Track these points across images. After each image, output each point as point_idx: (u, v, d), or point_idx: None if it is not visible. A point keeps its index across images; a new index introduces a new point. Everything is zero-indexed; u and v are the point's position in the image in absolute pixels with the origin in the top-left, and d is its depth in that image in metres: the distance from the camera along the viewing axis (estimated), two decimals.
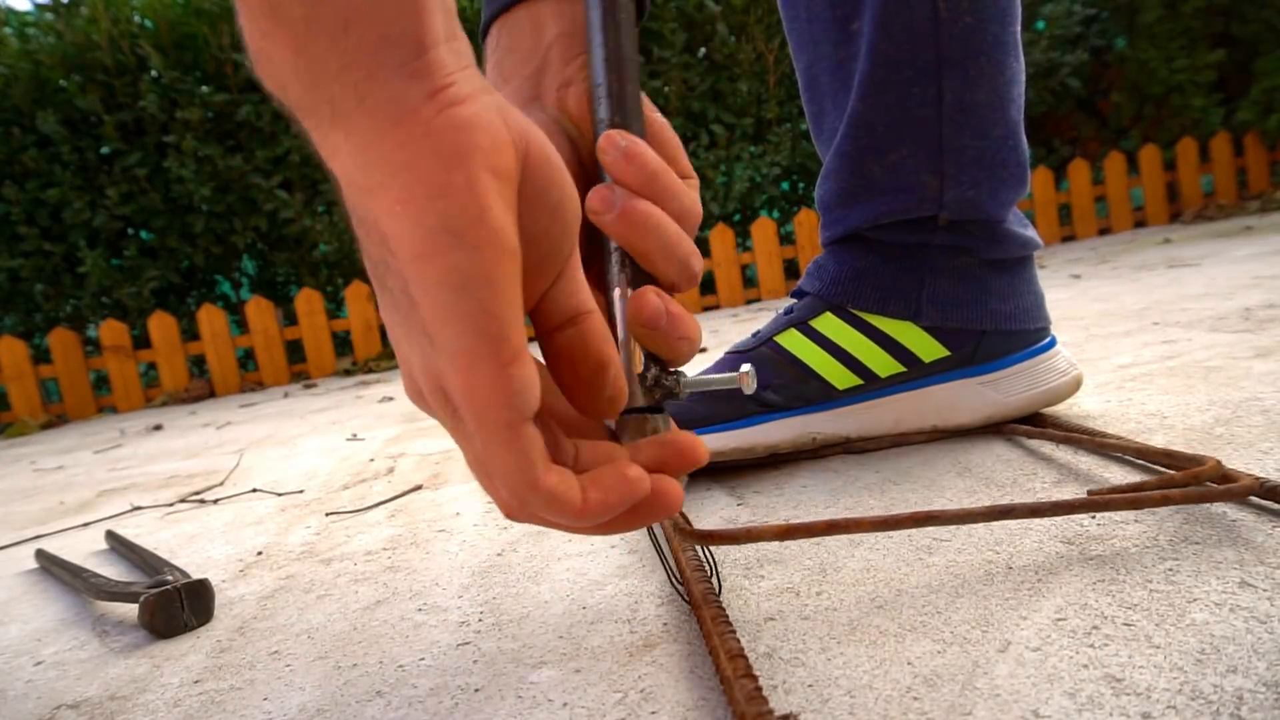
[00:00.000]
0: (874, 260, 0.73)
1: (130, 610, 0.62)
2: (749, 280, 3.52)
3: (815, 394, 0.72)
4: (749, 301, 3.40)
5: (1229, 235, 2.58)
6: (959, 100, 0.69)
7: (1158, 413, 0.72)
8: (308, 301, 3.06)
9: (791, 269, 3.48)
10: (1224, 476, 0.49)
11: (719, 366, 0.74)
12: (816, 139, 0.80)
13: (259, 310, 3.05)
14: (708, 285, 3.47)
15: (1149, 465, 0.57)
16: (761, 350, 0.74)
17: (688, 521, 0.50)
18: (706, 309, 3.38)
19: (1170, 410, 0.72)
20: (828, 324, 0.73)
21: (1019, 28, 0.71)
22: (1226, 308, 1.22)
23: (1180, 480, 0.48)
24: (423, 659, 0.46)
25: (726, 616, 0.40)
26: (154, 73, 3.16)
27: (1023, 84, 0.73)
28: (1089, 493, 0.47)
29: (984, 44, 0.68)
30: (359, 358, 3.09)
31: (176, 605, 0.57)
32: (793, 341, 0.73)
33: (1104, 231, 3.74)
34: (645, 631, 0.45)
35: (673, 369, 0.38)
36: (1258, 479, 0.47)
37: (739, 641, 0.37)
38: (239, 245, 3.26)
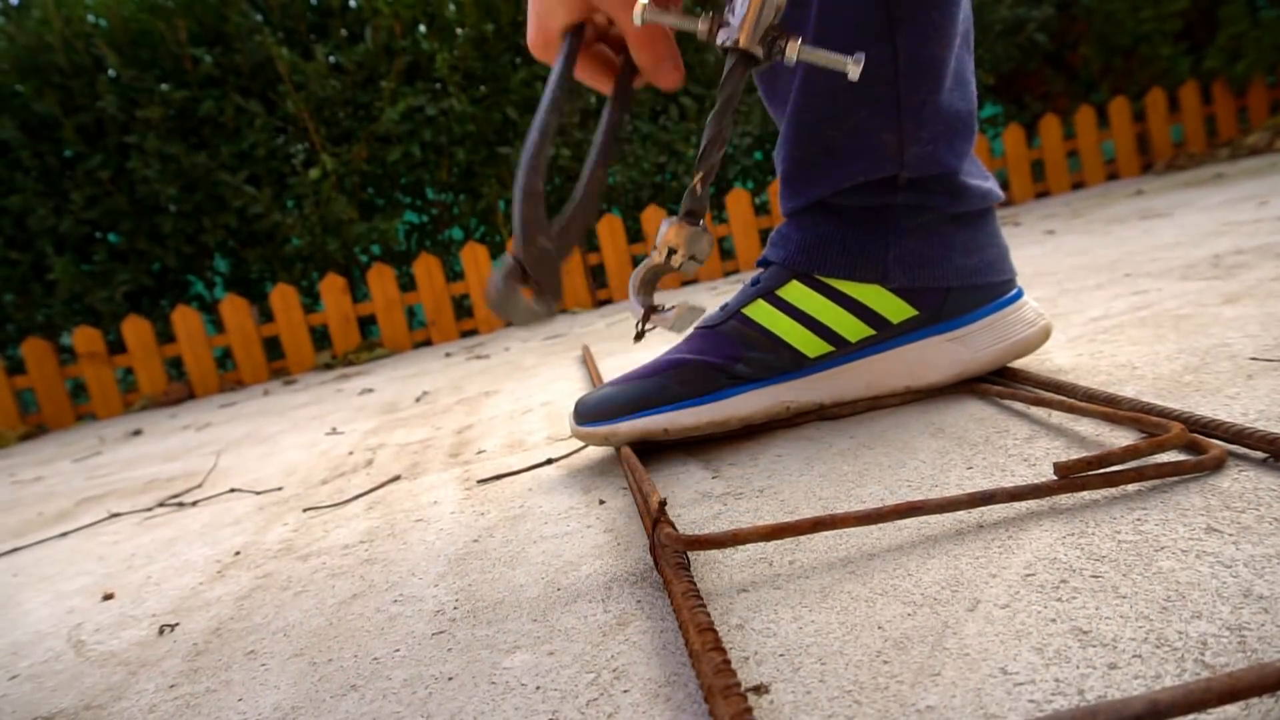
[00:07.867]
0: (838, 225, 0.73)
1: (107, 617, 0.62)
2: (726, 252, 3.51)
3: (787, 364, 0.72)
4: (728, 274, 3.39)
5: (1200, 184, 2.59)
6: (913, 56, 0.68)
7: (1128, 364, 0.72)
8: (283, 297, 3.03)
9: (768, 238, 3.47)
10: (1191, 442, 0.49)
11: (690, 343, 0.74)
12: (770, 102, 0.78)
13: (234, 308, 3.01)
14: None
15: (1118, 421, 0.57)
16: (730, 324, 0.73)
17: (673, 526, 0.50)
18: (686, 284, 3.36)
19: (1140, 360, 0.72)
20: (795, 292, 0.72)
21: None
22: (1196, 256, 1.23)
23: (1145, 449, 0.48)
24: (397, 650, 0.46)
25: (697, 590, 0.40)
26: (111, 72, 3.09)
27: (971, 31, 0.72)
28: (1058, 466, 0.46)
29: None
30: (338, 351, 3.06)
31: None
32: (761, 313, 0.73)
33: (1077, 186, 3.74)
34: (619, 610, 0.44)
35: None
36: (1225, 449, 0.47)
37: (709, 615, 0.37)
38: (210, 244, 3.21)
